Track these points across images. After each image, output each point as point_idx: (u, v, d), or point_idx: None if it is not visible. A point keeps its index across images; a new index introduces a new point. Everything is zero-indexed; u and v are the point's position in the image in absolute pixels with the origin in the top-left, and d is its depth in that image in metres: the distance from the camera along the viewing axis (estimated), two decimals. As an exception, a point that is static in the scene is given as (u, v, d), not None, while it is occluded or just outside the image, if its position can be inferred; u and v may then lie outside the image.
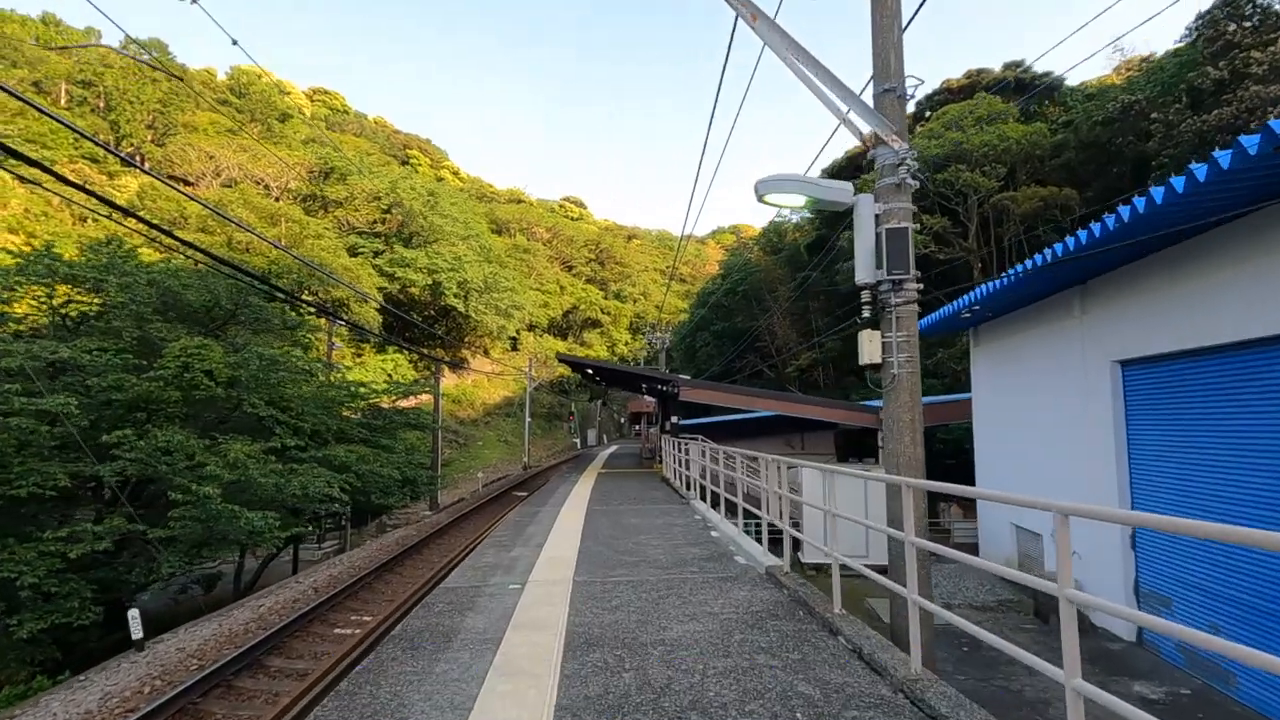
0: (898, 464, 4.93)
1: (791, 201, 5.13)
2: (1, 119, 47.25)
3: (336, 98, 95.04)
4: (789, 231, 49.43)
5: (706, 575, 6.19)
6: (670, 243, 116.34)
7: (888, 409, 5.05)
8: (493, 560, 7.20)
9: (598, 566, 6.70)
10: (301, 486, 14.21)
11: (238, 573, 17.09)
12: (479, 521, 19.29)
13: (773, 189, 4.93)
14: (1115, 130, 23.89)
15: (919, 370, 5.01)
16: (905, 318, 5.00)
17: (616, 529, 9.14)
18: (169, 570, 12.06)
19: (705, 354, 48.44)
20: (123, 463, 12.51)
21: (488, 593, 5.76)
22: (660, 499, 12.87)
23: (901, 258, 4.82)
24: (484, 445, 50.29)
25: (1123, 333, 9.38)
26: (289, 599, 9.97)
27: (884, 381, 5.04)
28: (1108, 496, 9.68)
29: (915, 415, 4.95)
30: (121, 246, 17.74)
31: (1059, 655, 2.57)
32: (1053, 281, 10.32)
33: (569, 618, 4.93)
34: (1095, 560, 10.03)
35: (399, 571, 12.19)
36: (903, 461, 4.90)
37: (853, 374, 37.74)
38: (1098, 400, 9.92)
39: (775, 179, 4.95)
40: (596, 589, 5.77)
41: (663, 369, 40.23)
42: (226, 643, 7.75)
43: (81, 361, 13.12)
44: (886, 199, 5.04)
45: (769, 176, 4.96)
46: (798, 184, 4.92)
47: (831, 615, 4.55)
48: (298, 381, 18.23)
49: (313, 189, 51.62)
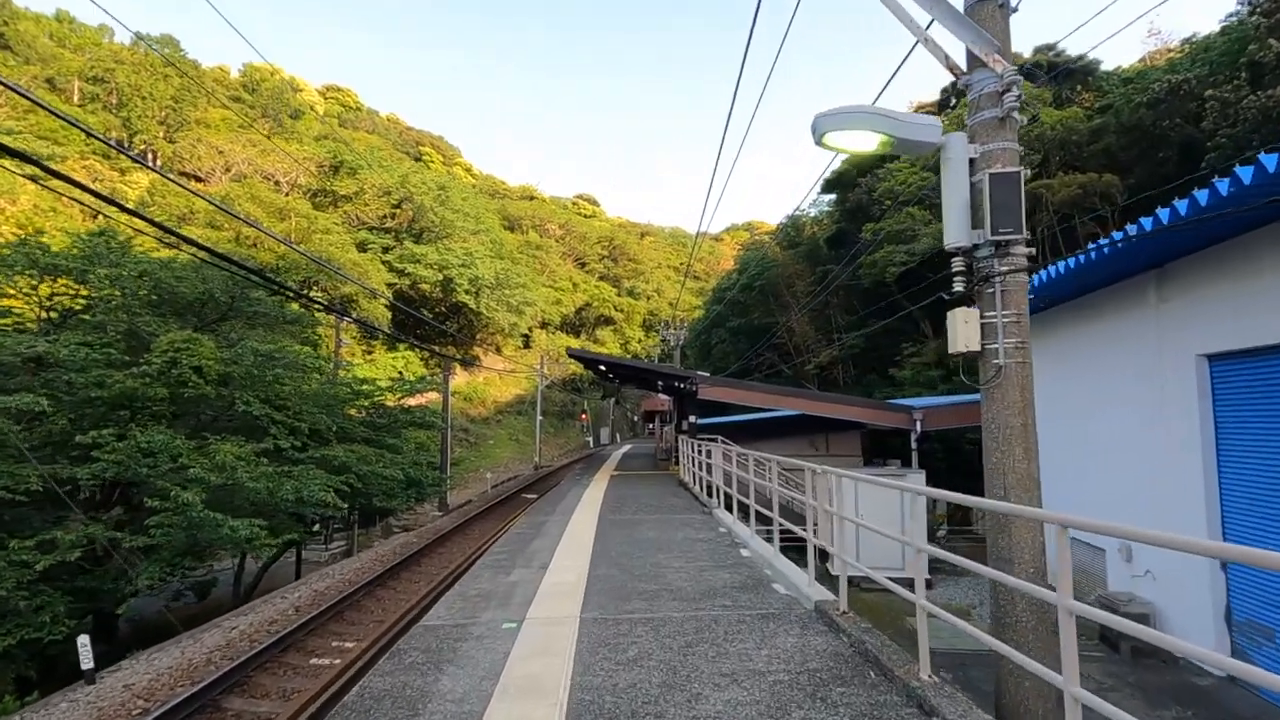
0: (1004, 484, 3.79)
1: (858, 144, 4.02)
2: (14, 116, 47.15)
3: (349, 95, 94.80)
4: (807, 225, 48.10)
5: (742, 612, 5.10)
6: (683, 240, 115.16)
7: (989, 411, 3.92)
8: (487, 586, 6.15)
9: (610, 597, 5.63)
10: (295, 490, 13.29)
11: (237, 576, 16.29)
12: (483, 528, 18.33)
13: (837, 124, 3.82)
14: (1161, 112, 22.42)
15: (1031, 360, 3.89)
16: (1013, 291, 3.86)
17: (631, 544, 8.07)
18: (147, 582, 11.14)
19: (721, 351, 47.25)
20: (102, 465, 11.65)
21: (475, 634, 4.71)
22: (679, 507, 11.78)
23: (1010, 212, 3.68)
24: (495, 444, 49.47)
25: (1211, 323, 8.17)
26: (266, 619, 8.99)
27: (983, 375, 3.93)
28: (1189, 508, 8.47)
29: (1028, 420, 3.82)
30: (115, 238, 16.97)
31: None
32: (1125, 266, 9.11)
33: (573, 677, 3.86)
34: (1176, 581, 8.82)
35: (392, 586, 11.21)
36: (1012, 480, 3.76)
37: (874, 372, 36.38)
38: (1179, 399, 8.71)
39: (841, 111, 3.83)
40: (609, 631, 4.70)
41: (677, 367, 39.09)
42: (184, 677, 6.78)
43: (59, 356, 12.27)
44: (986, 138, 3.92)
45: (832, 109, 3.84)
46: (869, 117, 3.79)
47: (919, 681, 3.44)
48: (296, 378, 17.35)
49: (322, 184, 51.04)
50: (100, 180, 46.26)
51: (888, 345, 32.68)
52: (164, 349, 13.28)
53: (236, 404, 14.33)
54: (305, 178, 50.78)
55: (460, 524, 18.37)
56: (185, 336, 13.67)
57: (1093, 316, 10.46)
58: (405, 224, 51.58)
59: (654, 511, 11.22)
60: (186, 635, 8.46)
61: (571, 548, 7.90)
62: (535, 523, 10.21)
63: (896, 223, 29.05)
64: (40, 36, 58.81)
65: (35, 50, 56.05)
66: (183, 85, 56.02)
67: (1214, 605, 8.26)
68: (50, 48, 58.02)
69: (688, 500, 12.91)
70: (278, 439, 14.58)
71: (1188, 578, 8.46)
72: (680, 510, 11.37)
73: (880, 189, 31.42)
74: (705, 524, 9.71)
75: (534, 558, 7.42)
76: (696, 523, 9.83)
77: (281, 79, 69.07)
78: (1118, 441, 9.93)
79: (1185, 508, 8.53)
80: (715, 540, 8.33)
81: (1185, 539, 1.97)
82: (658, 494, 14.07)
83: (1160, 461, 9.03)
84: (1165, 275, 9.02)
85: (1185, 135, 22.11)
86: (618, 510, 11.41)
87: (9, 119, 46.22)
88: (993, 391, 3.90)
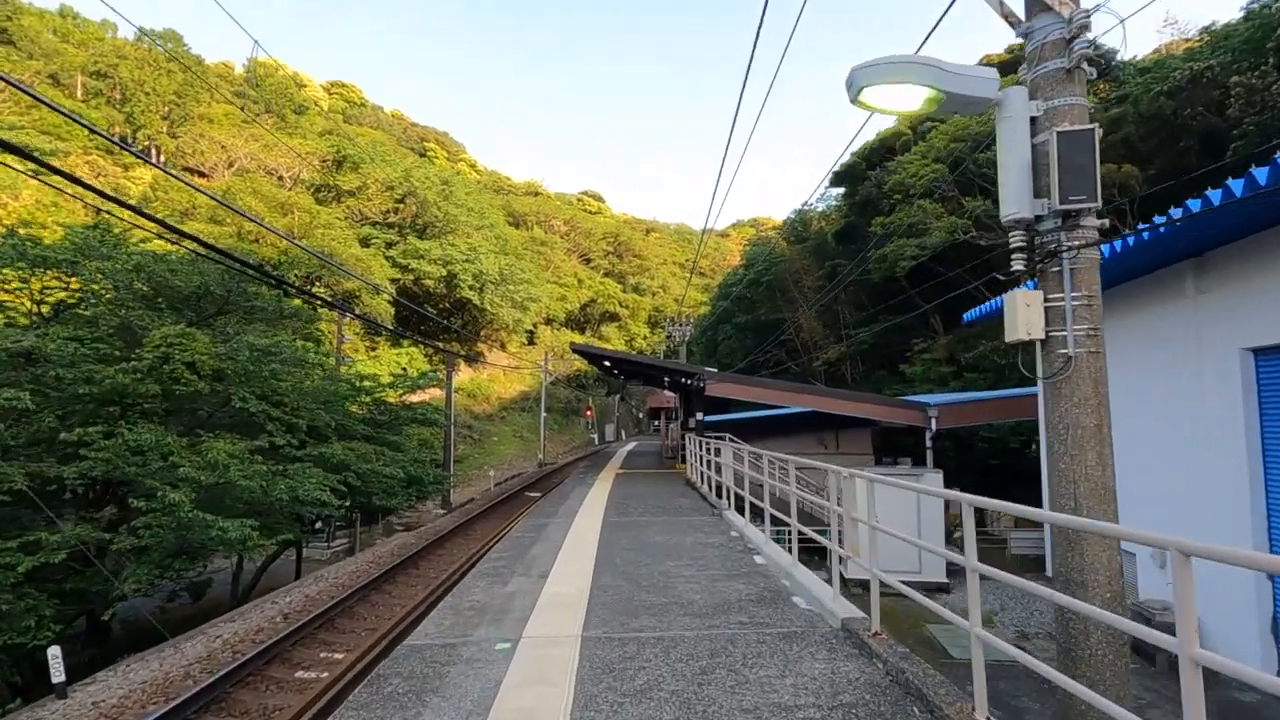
0: (1075, 494, 3.29)
1: (900, 102, 3.50)
2: (17, 111, 46.91)
3: (354, 91, 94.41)
4: (814, 220, 47.49)
5: (761, 630, 4.61)
6: (689, 236, 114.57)
7: (1056, 409, 3.42)
8: (482, 598, 5.68)
9: (615, 612, 5.15)
10: (289, 490, 12.88)
11: (235, 576, 15.92)
12: (484, 528, 17.89)
13: (877, 77, 3.30)
14: (1182, 101, 21.76)
15: (1104, 349, 3.38)
16: (1084, 269, 3.34)
17: (638, 550, 7.59)
18: (134, 585, 10.74)
19: (727, 347, 46.75)
20: (89, 463, 11.25)
21: (464, 657, 4.24)
22: (687, 508, 11.30)
23: (1082, 176, 3.17)
24: (499, 441, 49.09)
25: (1256, 314, 7.64)
26: (253, 627, 8.55)
27: (1046, 366, 3.42)
28: (1232, 509, 7.95)
29: (1103, 419, 3.31)
30: (110, 231, 16.58)
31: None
32: (1161, 254, 8.57)
33: (572, 712, 3.39)
34: (1218, 590, 8.28)
35: (388, 590, 10.77)
36: (1084, 490, 3.26)
37: (884, 368, 35.80)
38: (1220, 395, 8.18)
39: (881, 62, 3.31)
40: (614, 653, 4.22)
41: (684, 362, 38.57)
42: (159, 693, 6.34)
43: (46, 350, 11.87)
44: (1050, 92, 3.41)
45: (872, 60, 3.33)
46: (915, 68, 3.28)
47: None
48: (294, 374, 16.94)
49: (325, 179, 50.69)
50: (104, 176, 46.03)
51: (898, 341, 32.09)
52: (156, 344, 12.87)
53: (232, 400, 13.93)
54: (308, 173, 50.43)
55: (461, 523, 17.95)
56: (178, 331, 13.26)
57: (1124, 308, 9.91)
58: (409, 219, 51.17)
59: (661, 513, 10.75)
60: (169, 644, 8.03)
61: (574, 554, 7.44)
62: (536, 525, 9.75)
63: (907, 216, 28.43)
64: (44, 32, 58.59)
65: (39, 45, 55.83)
66: (186, 80, 55.73)
67: (1259, 615, 7.75)
68: (53, 43, 57.83)
69: (695, 500, 12.43)
70: (274, 436, 14.18)
71: (1230, 586, 7.92)
72: (688, 512, 10.89)
73: (891, 182, 30.77)
74: (715, 527, 9.23)
75: (534, 564, 6.95)
76: (706, 525, 9.35)
77: (286, 74, 68.69)
78: (1152, 436, 9.40)
79: (1226, 511, 8.01)
80: (727, 545, 7.84)
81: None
82: (664, 494, 13.60)
83: (1199, 456, 8.51)
84: (1204, 265, 8.49)
85: (1207, 124, 21.46)
86: (623, 512, 10.94)
87: (12, 114, 45.99)
88: (1060, 386, 3.38)
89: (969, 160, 27.13)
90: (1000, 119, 3.50)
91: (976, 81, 3.43)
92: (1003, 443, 22.84)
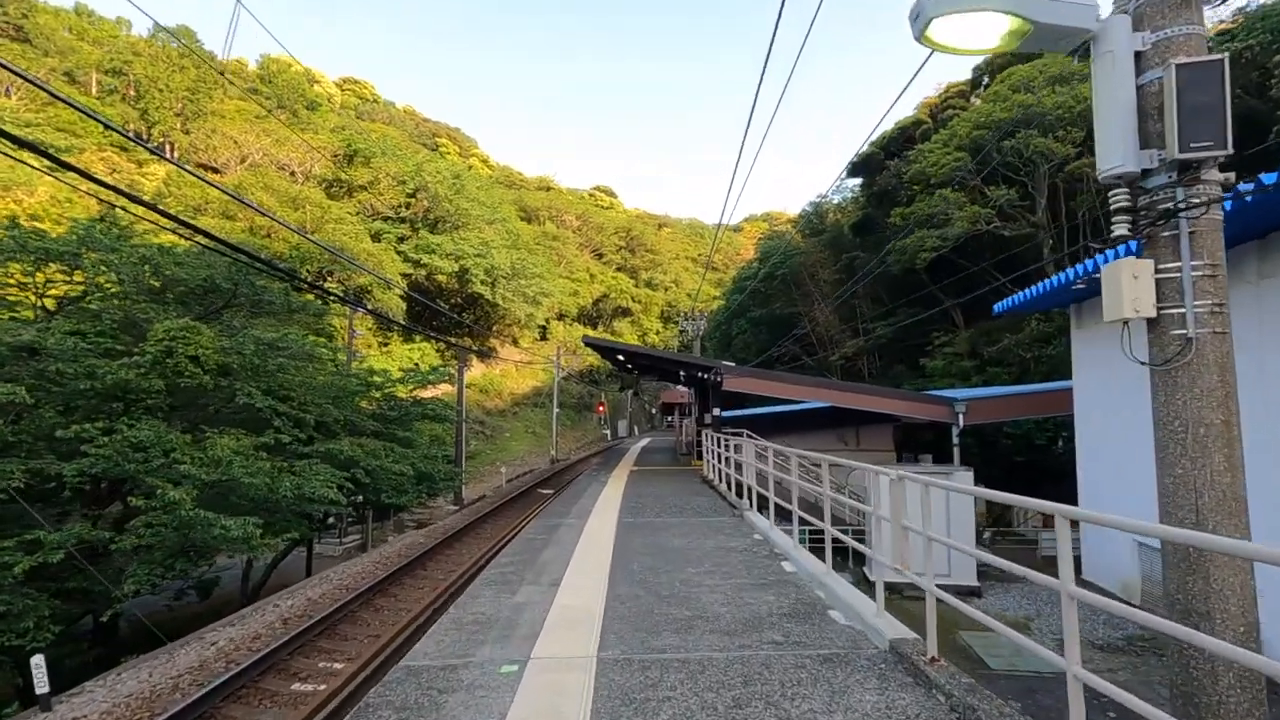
0: (1197, 505, 2.74)
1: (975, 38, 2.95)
2: (33, 108, 47.13)
3: (366, 87, 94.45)
4: (830, 213, 46.71)
5: (799, 652, 4.10)
6: (701, 231, 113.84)
7: (1170, 402, 2.87)
8: (488, 610, 5.21)
9: (634, 627, 4.66)
10: (295, 487, 12.53)
11: (245, 573, 15.65)
12: (495, 527, 17.50)
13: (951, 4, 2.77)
14: (1220, 83, 20.87)
15: (1231, 330, 2.83)
16: (1206, 233, 2.78)
17: (656, 555, 7.10)
18: (134, 586, 10.41)
19: (742, 342, 46.13)
20: (90, 460, 10.93)
21: (465, 683, 3.77)
22: (705, 509, 10.80)
23: (1209, 118, 2.60)
24: (511, 436, 48.83)
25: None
26: (250, 633, 8.16)
27: (1158, 351, 2.87)
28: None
29: (1230, 415, 2.76)
30: (116, 224, 16.33)
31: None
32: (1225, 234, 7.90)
33: (589, 756, 2.90)
34: None
35: (393, 594, 10.37)
36: (1209, 501, 2.72)
37: (902, 363, 35.01)
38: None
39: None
40: (634, 679, 3.73)
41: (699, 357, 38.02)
42: (144, 707, 5.95)
43: (46, 344, 11.56)
44: (1162, 21, 2.85)
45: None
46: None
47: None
48: (302, 368, 16.62)
49: (337, 173, 50.58)
50: (118, 172, 46.14)
51: (916, 335, 31.32)
52: (159, 338, 12.55)
53: (238, 395, 13.60)
54: (320, 168, 50.32)
55: (472, 521, 17.56)
56: (182, 325, 12.93)
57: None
58: (420, 214, 50.93)
59: (678, 513, 10.25)
60: (163, 650, 7.67)
61: (587, 559, 6.96)
62: (548, 526, 9.29)
63: (928, 206, 27.65)
64: (59, 29, 58.90)
65: (54, 43, 56.14)
66: (199, 77, 55.78)
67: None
68: (69, 40, 58.13)
69: (713, 500, 11.92)
70: (280, 432, 13.84)
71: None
72: (707, 512, 10.39)
73: (911, 171, 29.97)
74: (736, 529, 8.72)
75: (544, 571, 6.48)
76: (727, 527, 8.84)
77: (298, 71, 68.66)
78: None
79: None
80: (751, 550, 7.33)
81: None
82: (680, 492, 13.10)
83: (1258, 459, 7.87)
84: (1268, 246, 7.85)
85: (1246, 107, 20.55)
86: (638, 512, 10.45)
87: (28, 111, 46.22)
88: (1175, 375, 2.83)
89: (991, 146, 26.32)
90: (1098, 55, 2.94)
91: (1071, 9, 2.88)
92: (1028, 439, 22.10)
